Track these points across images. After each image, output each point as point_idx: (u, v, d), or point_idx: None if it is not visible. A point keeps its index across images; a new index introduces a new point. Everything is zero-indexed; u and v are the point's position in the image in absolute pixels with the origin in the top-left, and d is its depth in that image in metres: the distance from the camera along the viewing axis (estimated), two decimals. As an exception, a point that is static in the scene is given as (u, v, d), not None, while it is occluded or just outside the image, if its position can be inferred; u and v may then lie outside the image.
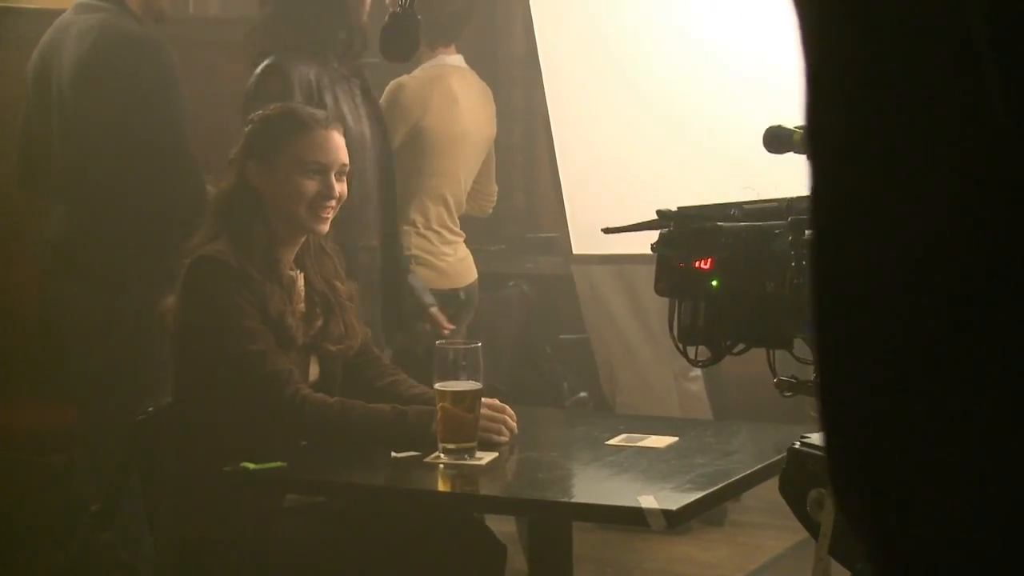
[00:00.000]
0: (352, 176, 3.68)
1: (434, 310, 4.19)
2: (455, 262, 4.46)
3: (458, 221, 4.52)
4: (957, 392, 0.78)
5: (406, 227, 4.35)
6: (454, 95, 4.47)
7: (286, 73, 3.67)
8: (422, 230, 4.40)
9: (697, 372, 5.07)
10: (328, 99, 3.70)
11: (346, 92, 3.79)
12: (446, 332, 4.18)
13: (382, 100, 4.31)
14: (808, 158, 0.83)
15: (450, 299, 4.39)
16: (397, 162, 4.22)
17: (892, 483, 0.81)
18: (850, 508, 0.83)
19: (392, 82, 4.44)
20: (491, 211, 4.81)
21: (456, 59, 4.56)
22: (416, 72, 4.46)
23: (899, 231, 0.78)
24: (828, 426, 0.83)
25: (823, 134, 0.82)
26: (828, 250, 0.82)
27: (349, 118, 3.75)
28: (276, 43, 3.74)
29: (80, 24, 3.80)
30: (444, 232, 4.45)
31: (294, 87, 3.65)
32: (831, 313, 0.82)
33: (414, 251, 4.34)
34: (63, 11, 3.93)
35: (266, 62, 3.70)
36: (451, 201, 4.47)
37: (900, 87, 0.78)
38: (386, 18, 3.40)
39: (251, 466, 2.74)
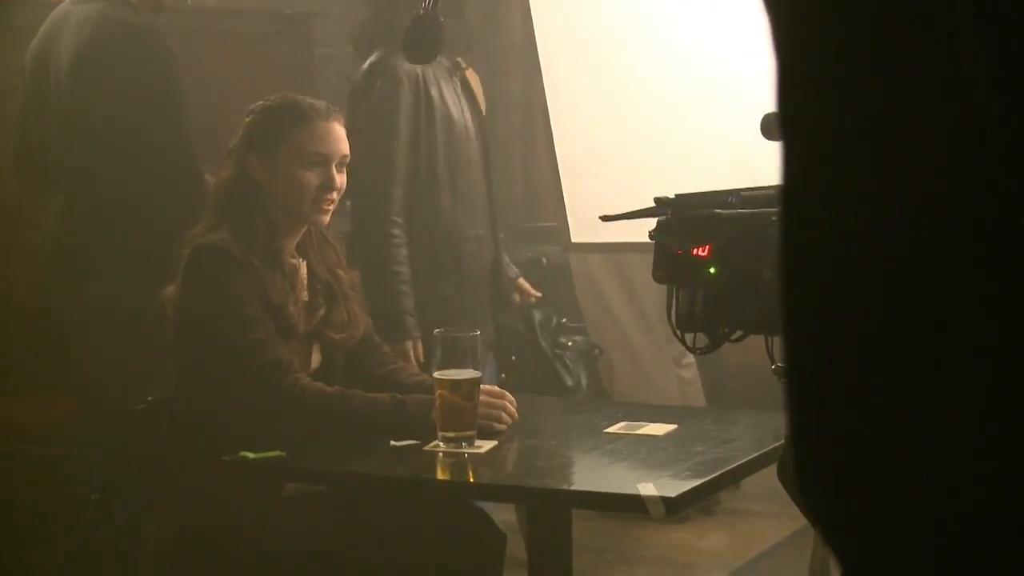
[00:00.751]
0: (459, 168, 3.78)
1: (521, 280, 4.29)
2: None
3: None
4: (927, 385, 0.77)
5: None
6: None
7: (393, 68, 3.77)
8: None
9: (691, 359, 5.08)
10: (434, 93, 3.83)
11: (449, 85, 3.90)
12: (533, 300, 4.34)
13: None
14: (780, 148, 0.82)
15: None
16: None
17: (857, 473, 0.80)
18: (813, 497, 0.83)
19: None
20: None
21: None
22: None
23: (869, 221, 0.78)
24: (794, 417, 0.83)
25: (794, 125, 0.82)
26: (797, 237, 0.82)
27: (453, 111, 3.89)
28: (383, 38, 3.82)
29: (78, 14, 3.80)
30: None
31: (402, 82, 3.77)
32: (800, 302, 0.82)
33: None
34: (60, 1, 3.93)
35: (372, 58, 3.83)
36: None
37: (869, 76, 0.78)
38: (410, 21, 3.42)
39: (250, 455, 2.74)
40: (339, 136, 3.08)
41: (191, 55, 4.16)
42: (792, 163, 0.82)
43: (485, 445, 2.81)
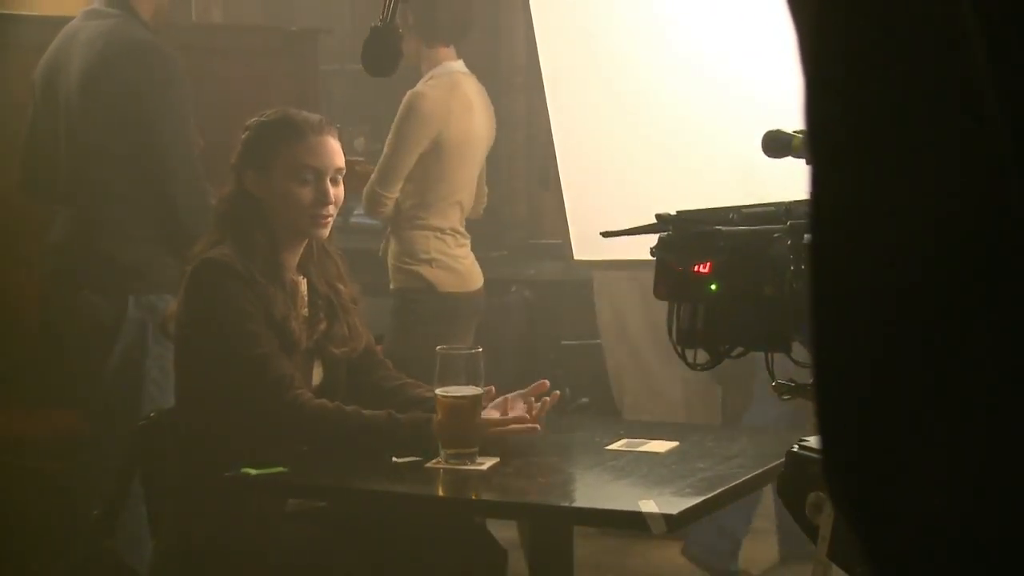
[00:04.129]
0: None
1: None
2: (470, 264, 4.57)
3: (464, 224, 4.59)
4: (955, 397, 0.78)
5: (425, 232, 4.41)
6: (470, 102, 4.51)
7: None
8: (440, 234, 4.45)
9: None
10: None
11: None
12: None
13: (400, 110, 4.38)
14: (808, 161, 0.82)
15: (468, 301, 4.46)
16: (417, 169, 4.32)
17: (887, 485, 0.81)
18: (847, 512, 0.83)
19: (410, 92, 4.46)
20: (482, 212, 4.84)
21: (460, 64, 4.58)
22: (430, 81, 4.48)
23: (899, 234, 0.78)
24: (824, 428, 0.83)
25: (822, 136, 0.82)
26: (827, 253, 0.82)
27: None
28: None
29: (88, 31, 3.80)
30: (458, 236, 4.51)
31: None
32: (829, 314, 0.82)
33: (434, 255, 4.42)
34: (68, 18, 3.94)
35: None
36: (464, 205, 4.54)
37: (896, 87, 0.78)
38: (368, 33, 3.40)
39: (252, 471, 2.74)
40: (332, 149, 3.07)
41: (195, 71, 4.17)
42: (818, 175, 0.82)
43: (487, 462, 2.81)
